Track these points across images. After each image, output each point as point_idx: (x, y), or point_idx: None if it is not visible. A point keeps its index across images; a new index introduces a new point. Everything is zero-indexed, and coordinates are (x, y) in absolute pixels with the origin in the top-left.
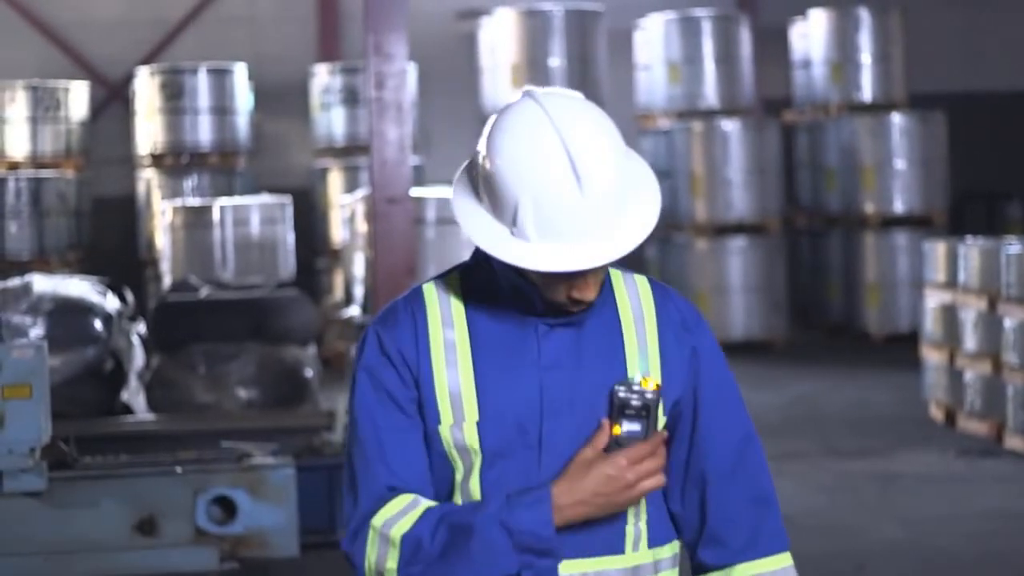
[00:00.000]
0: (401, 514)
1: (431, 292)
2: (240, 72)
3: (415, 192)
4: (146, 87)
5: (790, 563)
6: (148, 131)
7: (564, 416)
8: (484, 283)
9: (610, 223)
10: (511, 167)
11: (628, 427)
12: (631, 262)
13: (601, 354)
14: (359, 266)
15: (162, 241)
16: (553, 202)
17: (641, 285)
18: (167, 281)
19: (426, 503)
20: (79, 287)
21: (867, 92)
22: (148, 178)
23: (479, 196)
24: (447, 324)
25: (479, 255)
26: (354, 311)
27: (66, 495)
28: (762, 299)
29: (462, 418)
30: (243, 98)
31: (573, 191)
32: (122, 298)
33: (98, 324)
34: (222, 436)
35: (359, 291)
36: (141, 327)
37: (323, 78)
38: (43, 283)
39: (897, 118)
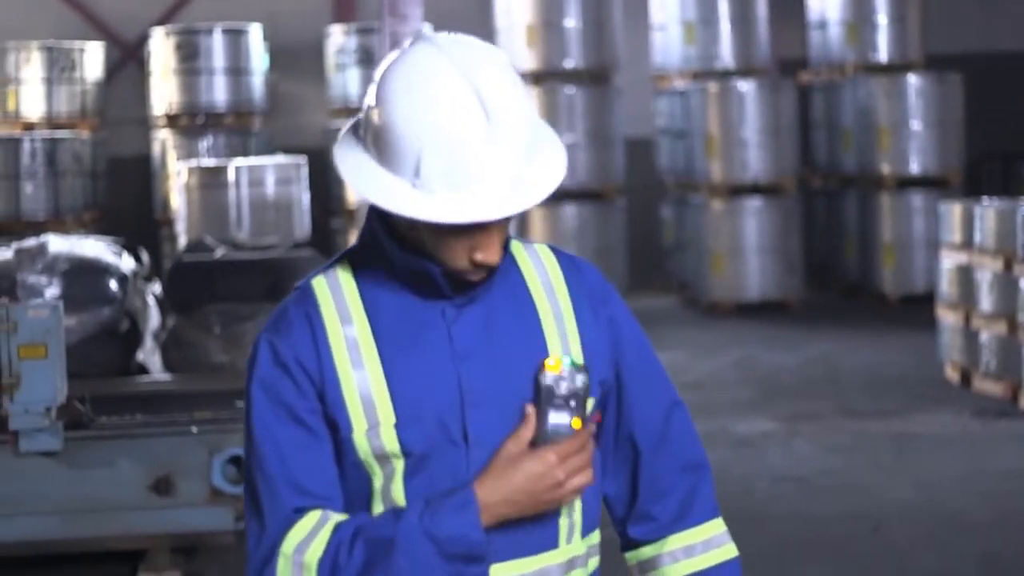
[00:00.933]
0: (312, 534)
1: (322, 287)
2: (255, 32)
3: None
4: (161, 48)
5: (723, 528)
6: (163, 92)
7: (487, 406)
8: (378, 268)
9: (520, 169)
10: (410, 112)
11: (556, 418)
12: (643, 222)
13: (517, 333)
14: None
15: (177, 201)
16: (461, 144)
17: (545, 255)
18: (182, 241)
19: (336, 517)
20: (95, 247)
21: (883, 53)
22: (163, 139)
23: (370, 152)
24: (345, 320)
25: (367, 237)
26: None
27: (82, 455)
28: (777, 260)
29: (377, 422)
30: (258, 59)
31: (482, 130)
32: (137, 258)
33: (114, 284)
34: (238, 396)
35: None
36: (157, 287)
37: (338, 38)
38: (59, 243)
39: (913, 79)
